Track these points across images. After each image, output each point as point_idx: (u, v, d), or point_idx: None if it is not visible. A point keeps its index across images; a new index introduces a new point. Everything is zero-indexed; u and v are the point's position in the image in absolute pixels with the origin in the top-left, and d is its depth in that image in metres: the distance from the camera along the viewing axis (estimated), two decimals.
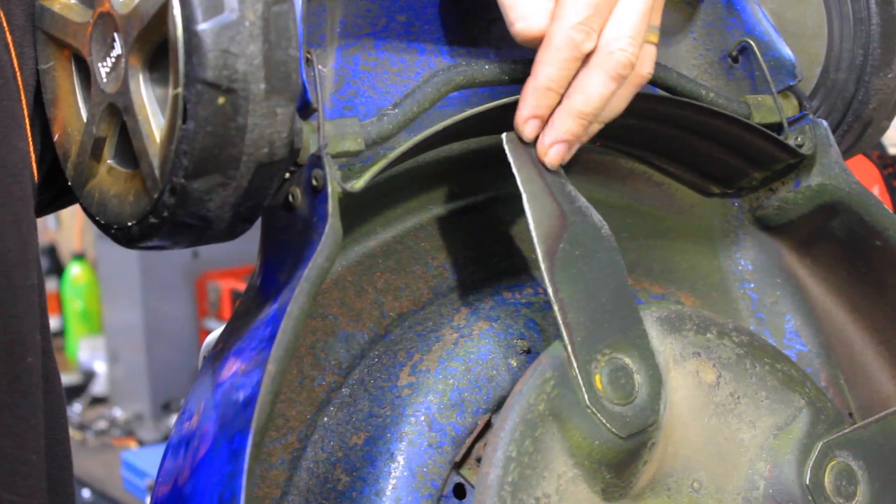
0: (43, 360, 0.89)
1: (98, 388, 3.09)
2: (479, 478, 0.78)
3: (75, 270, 3.50)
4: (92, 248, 3.41)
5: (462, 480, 0.84)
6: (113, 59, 0.80)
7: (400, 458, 0.83)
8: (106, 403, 3.03)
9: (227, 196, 0.76)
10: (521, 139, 0.84)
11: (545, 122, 0.84)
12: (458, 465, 0.84)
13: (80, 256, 3.53)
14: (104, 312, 2.98)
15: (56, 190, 0.93)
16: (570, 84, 0.83)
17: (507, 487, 0.77)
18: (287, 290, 0.76)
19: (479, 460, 0.84)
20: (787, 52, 1.00)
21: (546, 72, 0.83)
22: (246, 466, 0.69)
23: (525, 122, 0.84)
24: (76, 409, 3.02)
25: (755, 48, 1.00)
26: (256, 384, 0.72)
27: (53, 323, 3.65)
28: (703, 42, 1.02)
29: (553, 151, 0.84)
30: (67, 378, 3.22)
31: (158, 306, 2.75)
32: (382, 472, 0.82)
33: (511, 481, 0.77)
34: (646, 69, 0.85)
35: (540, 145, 0.84)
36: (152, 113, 0.78)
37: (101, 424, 2.89)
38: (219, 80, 0.72)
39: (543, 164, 0.84)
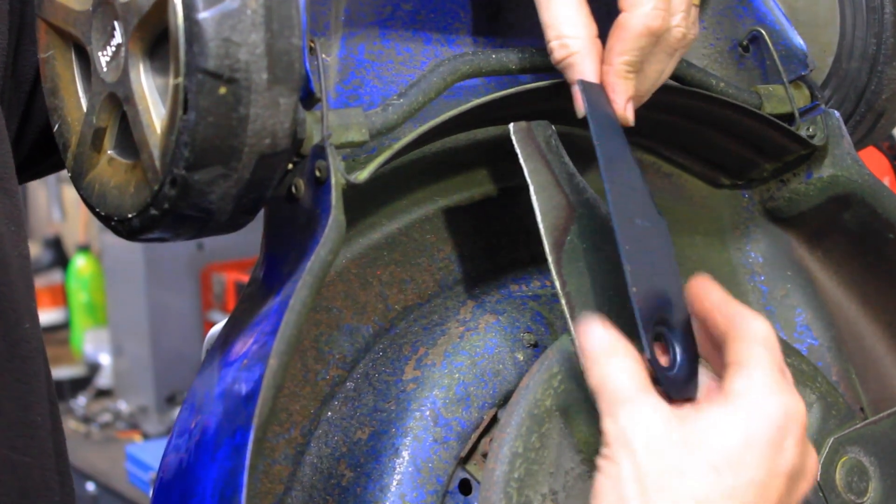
0: None
1: (103, 380, 3.08)
2: (485, 474, 0.77)
3: (80, 262, 3.49)
4: (97, 239, 3.40)
5: (468, 476, 0.83)
6: (113, 48, 0.79)
7: (405, 454, 0.82)
8: (111, 396, 3.02)
9: (228, 187, 0.75)
10: (528, 129, 0.83)
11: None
12: (463, 461, 0.83)
13: (84, 248, 3.52)
14: (109, 304, 2.97)
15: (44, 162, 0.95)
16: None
17: (513, 484, 0.76)
18: (290, 283, 0.75)
19: (484, 456, 0.83)
20: (798, 41, 0.99)
21: (623, 59, 0.83)
22: (248, 462, 0.68)
23: (625, 108, 0.84)
24: (81, 401, 3.01)
25: (766, 37, 0.99)
26: (258, 378, 0.71)
27: (59, 315, 3.65)
28: (713, 31, 1.01)
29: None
30: (72, 370, 3.21)
31: (163, 298, 2.74)
32: (387, 467, 0.82)
33: (517, 477, 0.76)
34: (692, 34, 0.86)
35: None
36: (153, 103, 0.77)
37: (106, 417, 2.89)
38: (220, 70, 0.71)
39: (551, 155, 0.83)
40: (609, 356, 0.74)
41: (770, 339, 0.74)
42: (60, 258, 3.84)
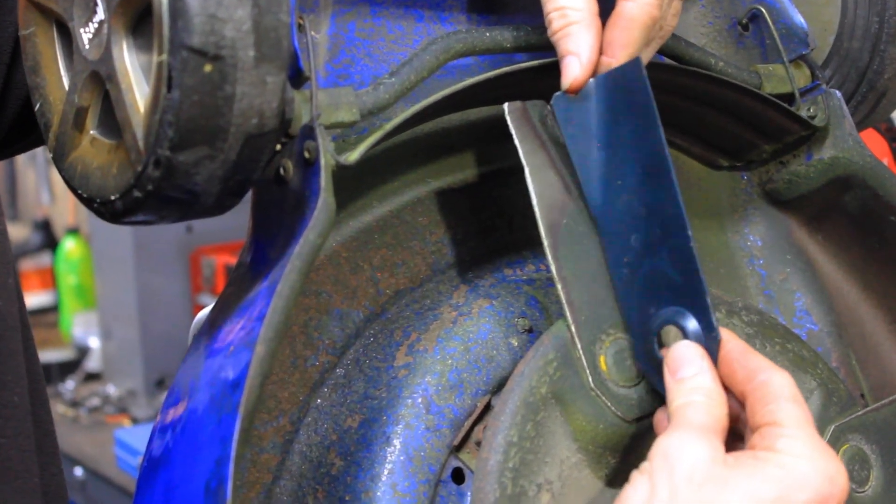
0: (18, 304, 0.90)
1: (92, 364, 3.07)
2: (479, 463, 0.76)
3: (69, 245, 3.48)
4: (86, 222, 3.39)
5: (461, 465, 0.82)
6: (95, 25, 0.77)
7: (396, 442, 0.80)
8: (99, 380, 3.01)
9: (214, 169, 0.73)
10: (523, 109, 0.81)
11: None
12: (456, 449, 0.82)
13: (74, 231, 3.51)
14: (98, 287, 2.96)
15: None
16: None
17: (507, 473, 0.75)
18: (278, 268, 0.73)
19: (478, 444, 0.82)
20: (799, 19, 0.97)
21: (628, 53, 0.81)
22: (234, 453, 0.67)
23: None
24: (69, 385, 3.00)
25: (766, 15, 0.98)
26: (245, 366, 0.69)
27: (47, 298, 3.64)
28: (712, 9, 1.00)
29: None
30: (61, 354, 3.20)
31: (152, 281, 2.72)
32: (378, 456, 0.80)
33: (512, 467, 0.75)
34: (669, 25, 0.84)
35: None
36: (136, 81, 0.75)
37: (95, 401, 2.87)
38: (205, 47, 0.69)
39: (547, 136, 0.81)
40: (696, 393, 0.73)
41: (798, 396, 0.72)
42: (49, 241, 3.83)
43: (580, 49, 0.81)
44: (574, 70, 0.81)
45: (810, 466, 0.69)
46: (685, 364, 0.74)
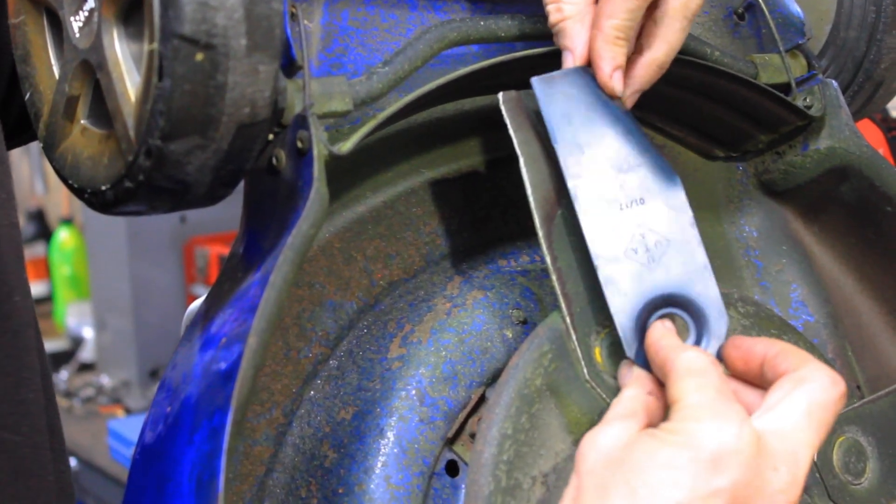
0: None
1: (86, 354, 3.06)
2: (473, 455, 0.75)
3: (63, 235, 3.47)
4: (80, 212, 3.38)
5: (455, 457, 0.82)
6: (86, 13, 0.76)
7: (390, 434, 0.80)
8: (93, 370, 3.00)
9: (206, 159, 0.72)
10: (517, 99, 0.81)
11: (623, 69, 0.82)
12: (450, 442, 0.82)
13: (67, 221, 3.50)
14: (92, 278, 2.95)
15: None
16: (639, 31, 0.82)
17: (502, 466, 0.74)
18: (270, 259, 0.73)
19: (472, 436, 0.82)
20: (795, 9, 0.97)
21: (612, 24, 0.80)
22: (226, 446, 0.66)
23: (610, 77, 0.81)
24: (63, 376, 2.99)
25: (762, 5, 0.98)
26: (237, 358, 0.69)
27: (41, 288, 3.63)
28: None
29: (630, 102, 0.83)
30: (55, 344, 3.19)
31: (146, 272, 2.71)
32: (371, 448, 0.80)
33: (506, 460, 0.74)
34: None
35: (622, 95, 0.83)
36: (127, 70, 0.74)
37: (88, 392, 2.86)
38: (197, 35, 0.69)
39: (542, 126, 0.81)
40: (624, 387, 0.76)
41: (698, 369, 0.72)
42: (43, 231, 3.82)
43: (574, 44, 0.81)
44: (568, 66, 0.82)
45: (700, 426, 0.69)
46: (625, 369, 0.78)
